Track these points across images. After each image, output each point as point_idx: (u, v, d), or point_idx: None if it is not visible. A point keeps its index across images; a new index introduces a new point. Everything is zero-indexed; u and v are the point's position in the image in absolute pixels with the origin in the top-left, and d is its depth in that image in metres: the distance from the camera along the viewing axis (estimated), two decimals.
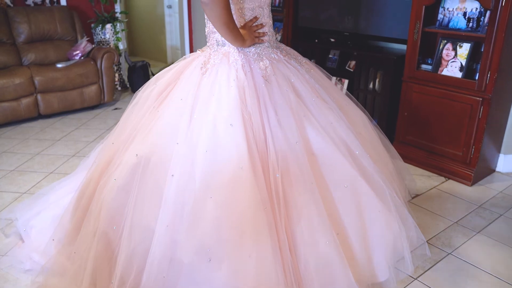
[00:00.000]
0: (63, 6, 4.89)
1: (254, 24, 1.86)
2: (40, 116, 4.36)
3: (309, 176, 1.73)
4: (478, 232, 2.46)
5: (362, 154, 1.88)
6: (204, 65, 1.86)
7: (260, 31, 1.87)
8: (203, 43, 5.63)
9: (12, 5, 4.72)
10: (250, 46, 1.86)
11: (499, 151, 3.19)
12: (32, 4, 4.84)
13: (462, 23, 2.95)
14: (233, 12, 1.80)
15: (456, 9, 2.97)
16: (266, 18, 1.90)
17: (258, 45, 1.89)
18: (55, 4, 4.98)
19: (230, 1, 1.79)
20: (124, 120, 2.06)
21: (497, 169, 3.22)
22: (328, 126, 1.85)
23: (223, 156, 1.67)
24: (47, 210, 2.29)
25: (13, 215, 2.44)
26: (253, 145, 1.69)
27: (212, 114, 1.72)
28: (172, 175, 1.68)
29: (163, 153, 1.74)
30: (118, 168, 1.82)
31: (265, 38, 1.90)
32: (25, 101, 4.15)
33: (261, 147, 1.71)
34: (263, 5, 1.87)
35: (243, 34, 1.81)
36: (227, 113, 1.71)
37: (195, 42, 6.05)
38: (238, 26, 1.82)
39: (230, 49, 1.86)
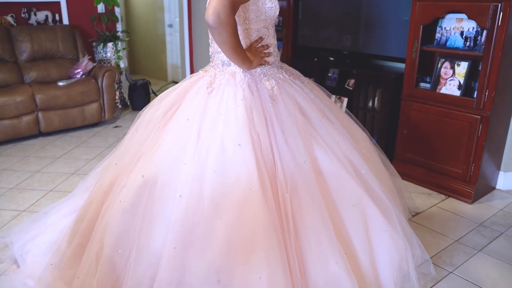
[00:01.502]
0: (66, 25, 4.95)
1: (259, 45, 1.87)
2: (40, 134, 4.38)
3: (317, 196, 1.72)
4: (480, 251, 2.44)
5: (368, 173, 1.88)
6: (210, 85, 1.85)
7: (266, 51, 1.89)
8: (203, 61, 5.69)
9: (15, 24, 4.78)
10: (258, 64, 1.87)
11: (499, 168, 3.19)
12: (35, 23, 4.90)
13: (459, 42, 2.98)
14: (239, 33, 1.81)
15: (453, 28, 3.01)
16: (271, 39, 1.91)
17: (263, 65, 1.90)
18: (58, 23, 5.05)
19: (239, 21, 1.81)
20: (128, 140, 2.04)
21: (497, 187, 3.22)
22: (334, 145, 1.86)
23: (232, 176, 1.65)
24: (44, 234, 2.25)
25: (9, 239, 2.38)
26: (262, 165, 1.68)
27: (220, 134, 1.71)
28: (180, 196, 1.66)
29: (170, 173, 1.72)
30: (123, 189, 1.80)
31: (270, 59, 1.91)
32: (26, 118, 4.17)
33: (269, 166, 1.71)
34: (268, 26, 1.88)
35: (249, 56, 1.82)
36: (235, 133, 1.70)
37: (195, 61, 6.11)
38: (244, 46, 1.84)
39: (236, 69, 1.86)
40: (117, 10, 5.45)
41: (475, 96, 2.88)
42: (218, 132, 1.72)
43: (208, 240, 1.59)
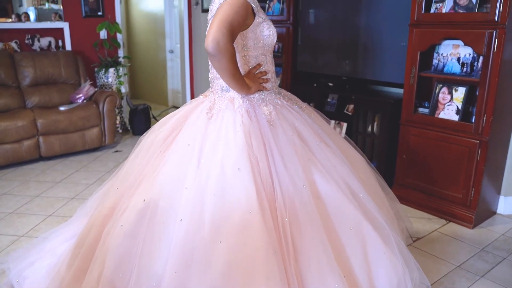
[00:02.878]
0: (68, 51, 5.03)
1: (258, 71, 1.91)
2: (41, 158, 4.38)
3: (316, 220, 1.73)
4: (482, 276, 2.42)
5: (366, 197, 1.89)
6: (209, 110, 1.88)
7: (264, 77, 1.92)
8: (204, 86, 5.76)
9: (19, 50, 4.85)
10: (256, 90, 1.89)
11: (499, 192, 3.19)
12: (38, 49, 4.97)
13: (456, 68, 3.03)
14: (238, 59, 1.84)
15: (450, 54, 3.06)
16: (269, 65, 1.94)
17: (262, 91, 1.92)
18: (61, 49, 5.12)
19: (237, 48, 1.84)
20: (129, 165, 2.06)
21: (498, 211, 3.21)
22: (332, 170, 1.87)
23: (232, 200, 1.66)
24: (42, 260, 2.23)
25: (6, 265, 2.35)
26: (261, 189, 1.69)
27: (220, 159, 1.73)
28: (181, 220, 1.66)
29: (171, 197, 1.73)
30: (124, 213, 1.80)
31: (269, 85, 1.94)
32: (27, 143, 4.19)
33: (268, 191, 1.72)
34: (266, 53, 1.92)
35: (247, 82, 1.85)
36: (235, 157, 1.72)
37: (195, 86, 6.17)
38: (243, 73, 1.87)
39: (235, 95, 1.88)
40: (119, 36, 5.54)
41: (473, 121, 2.90)
42: (218, 156, 1.74)
43: (209, 263, 1.59)
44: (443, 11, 2.98)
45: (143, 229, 1.73)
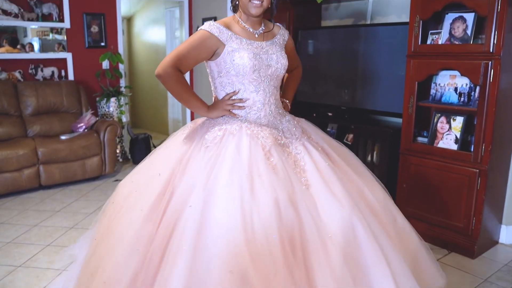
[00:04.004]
0: (71, 81, 5.09)
1: (233, 98, 1.96)
2: (41, 187, 4.38)
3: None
4: None
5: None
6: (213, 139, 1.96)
7: (240, 105, 1.95)
8: None
9: (22, 80, 4.92)
10: (218, 116, 1.97)
11: (500, 222, 3.18)
12: (41, 79, 5.04)
13: (454, 98, 3.07)
14: (216, 84, 1.99)
15: (447, 84, 3.10)
16: (248, 94, 1.96)
17: (227, 116, 1.97)
18: (63, 79, 5.19)
19: (214, 75, 1.98)
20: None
21: (500, 241, 3.19)
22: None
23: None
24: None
25: None
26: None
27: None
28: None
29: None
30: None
31: (241, 112, 1.96)
32: (27, 171, 4.19)
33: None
34: (243, 81, 1.94)
35: (214, 106, 1.97)
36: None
37: (196, 115, 6.22)
38: (220, 97, 1.99)
39: (203, 118, 2.05)
40: (121, 67, 5.63)
41: (472, 150, 2.92)
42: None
43: None
44: (439, 42, 3.04)
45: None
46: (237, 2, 1.97)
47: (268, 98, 2.00)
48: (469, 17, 2.90)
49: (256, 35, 1.99)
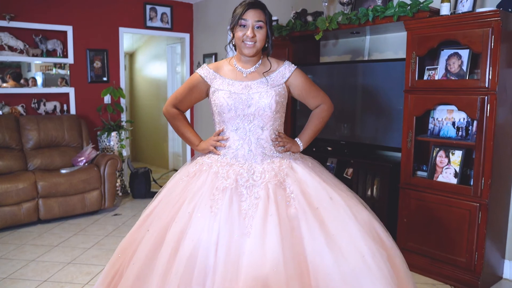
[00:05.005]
0: (72, 115, 5.14)
1: (220, 135, 2.06)
2: (39, 221, 4.35)
3: None
4: None
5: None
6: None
7: (223, 142, 2.03)
8: None
9: (24, 114, 4.97)
10: (205, 151, 2.09)
11: (503, 256, 3.14)
12: (44, 113, 5.10)
13: (452, 132, 3.09)
14: (214, 121, 2.12)
15: (445, 119, 3.14)
16: (229, 132, 2.03)
17: (211, 153, 2.08)
18: (65, 113, 5.25)
19: (211, 112, 2.11)
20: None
21: (504, 276, 3.14)
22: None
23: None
24: None
25: None
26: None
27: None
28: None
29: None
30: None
31: (222, 150, 2.04)
32: (26, 205, 4.17)
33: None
34: (225, 120, 2.02)
35: (206, 140, 2.10)
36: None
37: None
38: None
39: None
40: (123, 101, 5.70)
41: (471, 183, 2.92)
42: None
43: None
44: (436, 77, 3.10)
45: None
46: (233, 43, 2.03)
47: (248, 137, 2.01)
48: (464, 53, 2.97)
49: (245, 75, 2.04)
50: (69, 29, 5.22)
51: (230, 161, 1.99)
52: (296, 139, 2.22)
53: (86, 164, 4.76)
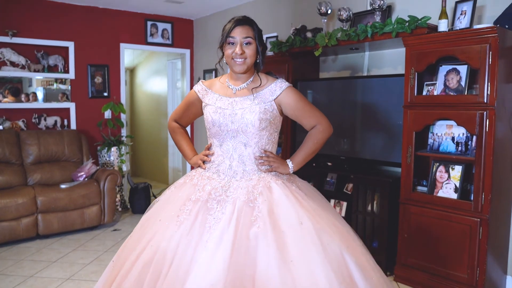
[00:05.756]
0: (73, 130, 5.16)
1: (208, 149, 2.11)
2: (38, 236, 4.32)
3: None
4: None
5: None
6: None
7: (209, 157, 2.08)
8: None
9: (25, 129, 4.99)
10: (195, 165, 2.15)
11: (505, 272, 3.12)
12: (44, 128, 5.11)
13: (451, 147, 3.10)
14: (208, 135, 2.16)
15: (444, 134, 3.15)
16: (215, 147, 2.07)
17: (199, 167, 2.13)
18: (66, 127, 5.27)
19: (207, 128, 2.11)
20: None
21: None
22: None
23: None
24: None
25: None
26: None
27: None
28: None
29: None
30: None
31: (207, 165, 2.08)
32: (25, 220, 4.15)
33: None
34: (213, 137, 2.07)
35: (198, 154, 2.18)
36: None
37: None
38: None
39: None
40: (123, 116, 5.72)
41: (472, 198, 2.92)
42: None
43: None
44: (435, 93, 3.12)
45: None
46: (224, 61, 2.05)
47: (231, 153, 2.01)
48: (462, 69, 3.00)
49: (234, 91, 2.04)
50: (70, 45, 5.27)
51: (212, 175, 2.03)
52: (287, 160, 2.15)
53: (86, 179, 4.76)
